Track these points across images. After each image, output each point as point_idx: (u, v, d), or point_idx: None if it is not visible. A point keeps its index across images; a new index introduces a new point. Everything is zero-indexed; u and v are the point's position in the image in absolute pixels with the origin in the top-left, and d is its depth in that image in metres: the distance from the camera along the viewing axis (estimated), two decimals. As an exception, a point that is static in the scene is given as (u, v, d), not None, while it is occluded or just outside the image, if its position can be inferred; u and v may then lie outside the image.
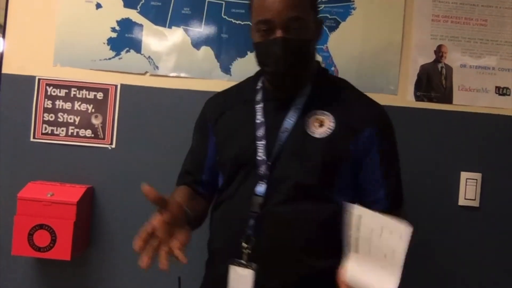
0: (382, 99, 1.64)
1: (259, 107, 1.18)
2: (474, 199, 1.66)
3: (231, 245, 1.10)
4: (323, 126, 1.13)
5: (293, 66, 1.11)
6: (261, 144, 1.13)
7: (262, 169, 1.11)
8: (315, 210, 1.10)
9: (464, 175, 1.66)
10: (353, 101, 1.20)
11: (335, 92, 1.21)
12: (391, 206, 1.16)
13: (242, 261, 1.07)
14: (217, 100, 1.30)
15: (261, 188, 1.10)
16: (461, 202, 1.66)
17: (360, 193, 1.18)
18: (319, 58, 1.66)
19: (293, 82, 1.16)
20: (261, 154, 1.12)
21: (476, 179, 1.66)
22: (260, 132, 1.14)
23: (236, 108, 1.23)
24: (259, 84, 1.23)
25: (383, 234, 0.89)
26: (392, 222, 0.88)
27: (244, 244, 1.08)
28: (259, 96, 1.20)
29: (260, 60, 1.16)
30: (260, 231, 1.08)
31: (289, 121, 1.14)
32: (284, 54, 1.09)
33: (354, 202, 1.16)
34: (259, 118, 1.16)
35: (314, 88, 1.18)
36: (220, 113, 1.24)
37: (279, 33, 1.09)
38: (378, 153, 1.15)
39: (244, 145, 1.15)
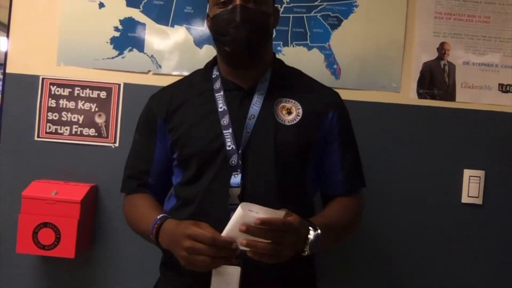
0: (384, 96, 1.67)
1: (219, 95, 1.15)
2: (478, 197, 1.65)
3: None
4: (291, 113, 1.15)
5: (253, 36, 1.10)
6: (227, 133, 1.10)
7: (234, 159, 1.08)
8: (294, 198, 1.11)
9: (467, 172, 1.66)
10: (313, 87, 1.23)
11: (294, 79, 1.23)
12: (348, 190, 1.20)
13: None
14: (164, 96, 1.23)
15: (236, 179, 1.07)
16: (464, 199, 1.66)
17: (321, 176, 1.20)
18: (321, 57, 1.67)
19: (252, 56, 1.13)
20: (229, 143, 1.09)
21: (479, 177, 1.65)
22: (225, 120, 1.11)
23: (193, 101, 1.18)
24: (215, 73, 1.21)
25: None
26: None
27: None
28: (217, 85, 1.18)
29: (218, 32, 1.13)
30: None
31: (255, 107, 1.13)
32: (244, 21, 1.09)
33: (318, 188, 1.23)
34: (222, 106, 1.13)
35: (274, 73, 1.19)
36: (174, 108, 1.18)
37: (237, 1, 1.09)
38: (339, 136, 1.18)
39: (211, 137, 1.11)
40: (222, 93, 1.16)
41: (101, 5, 1.67)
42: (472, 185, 1.65)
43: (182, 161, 1.16)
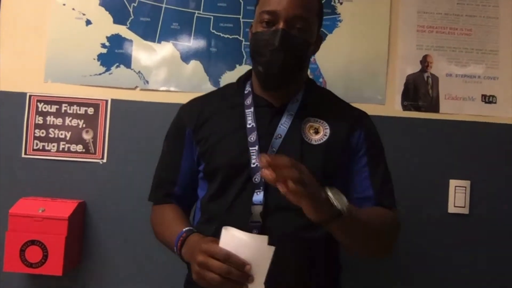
0: (370, 109, 1.66)
1: (249, 111, 1.15)
2: (464, 207, 1.67)
3: None
4: (318, 133, 1.14)
5: (288, 62, 1.10)
6: (254, 150, 1.10)
7: (257, 177, 1.08)
8: None
9: (453, 182, 1.67)
10: (341, 108, 1.24)
11: (325, 100, 1.23)
12: (382, 204, 1.16)
13: None
14: (195, 106, 1.24)
15: (258, 197, 1.07)
16: (451, 209, 1.67)
17: (349, 195, 1.15)
18: (306, 70, 1.69)
19: (284, 81, 1.14)
20: (254, 161, 1.09)
21: (465, 187, 1.67)
22: (252, 137, 1.11)
23: (223, 114, 1.19)
24: (247, 89, 1.21)
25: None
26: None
27: None
28: (248, 101, 1.18)
29: (256, 50, 1.13)
30: None
31: (283, 127, 1.13)
32: (282, 47, 1.08)
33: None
34: (250, 123, 1.13)
35: (306, 95, 1.19)
36: (204, 120, 1.19)
37: (281, 25, 1.09)
38: (366, 154, 1.17)
39: (237, 152, 1.11)
40: (252, 109, 1.16)
41: (88, 22, 1.69)
42: (458, 195, 1.67)
43: (207, 174, 1.17)
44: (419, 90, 1.70)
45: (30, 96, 1.67)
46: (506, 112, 1.70)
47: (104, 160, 1.67)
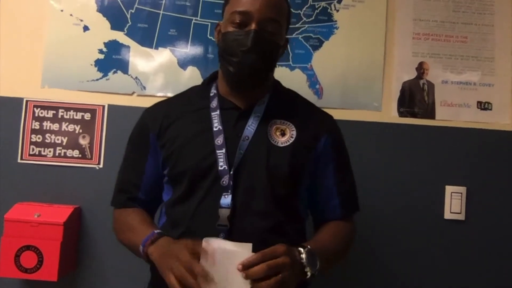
0: (366, 115, 1.69)
1: (215, 114, 1.14)
2: (460, 213, 1.67)
3: None
4: (285, 135, 1.14)
5: (259, 63, 1.10)
6: (221, 153, 1.09)
7: (225, 179, 1.07)
8: (285, 221, 1.10)
9: (449, 189, 1.68)
10: (309, 111, 1.24)
11: (291, 102, 1.23)
12: (344, 214, 1.20)
13: None
14: (159, 110, 1.21)
15: (226, 200, 1.06)
16: (447, 215, 1.67)
17: (314, 200, 1.20)
18: (303, 77, 1.70)
19: (254, 82, 1.14)
20: (222, 164, 1.08)
21: (461, 193, 1.68)
22: (219, 140, 1.10)
23: (188, 117, 1.17)
24: (213, 91, 1.20)
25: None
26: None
27: None
28: (214, 103, 1.16)
29: (226, 51, 1.12)
30: None
31: (250, 129, 1.12)
32: (254, 48, 1.08)
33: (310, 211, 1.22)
34: (217, 126, 1.12)
35: (272, 97, 1.19)
36: (168, 124, 1.17)
37: (253, 26, 1.09)
38: (333, 160, 1.18)
39: (203, 155, 1.10)
40: (218, 112, 1.14)
41: (86, 28, 1.70)
42: (454, 201, 1.67)
43: (173, 178, 1.15)
44: (415, 97, 1.71)
45: (27, 101, 1.67)
46: (502, 118, 1.72)
47: (101, 166, 1.67)
